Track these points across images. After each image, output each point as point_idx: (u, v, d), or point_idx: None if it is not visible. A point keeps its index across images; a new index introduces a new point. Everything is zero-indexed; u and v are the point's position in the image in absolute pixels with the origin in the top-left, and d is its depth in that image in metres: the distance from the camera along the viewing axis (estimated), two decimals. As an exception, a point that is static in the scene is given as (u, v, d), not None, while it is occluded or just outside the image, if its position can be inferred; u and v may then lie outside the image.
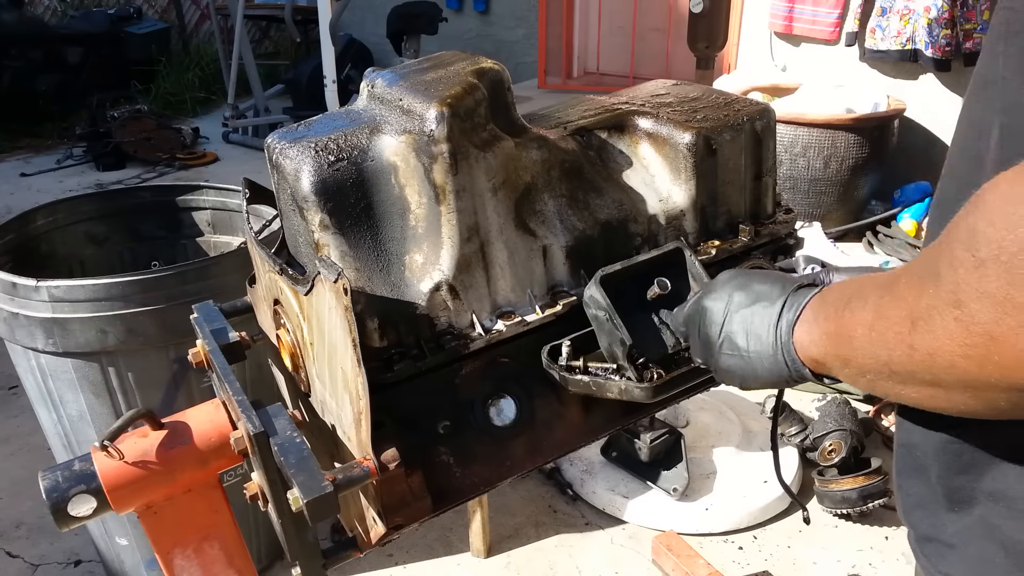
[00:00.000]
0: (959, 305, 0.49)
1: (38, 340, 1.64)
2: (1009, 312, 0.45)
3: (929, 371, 0.53)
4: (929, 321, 0.52)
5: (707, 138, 1.03)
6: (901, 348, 0.55)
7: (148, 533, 0.96)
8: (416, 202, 0.89)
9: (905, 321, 0.54)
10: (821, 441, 2.45)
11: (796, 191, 3.87)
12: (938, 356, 0.52)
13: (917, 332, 0.53)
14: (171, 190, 2.24)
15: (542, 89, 5.85)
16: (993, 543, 0.63)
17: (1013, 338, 0.46)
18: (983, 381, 0.50)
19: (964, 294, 0.48)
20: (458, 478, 0.92)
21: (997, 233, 0.46)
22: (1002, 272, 0.45)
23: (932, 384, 0.54)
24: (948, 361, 0.51)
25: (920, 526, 0.72)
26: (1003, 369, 0.48)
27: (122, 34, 6.95)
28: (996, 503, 0.63)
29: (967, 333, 0.49)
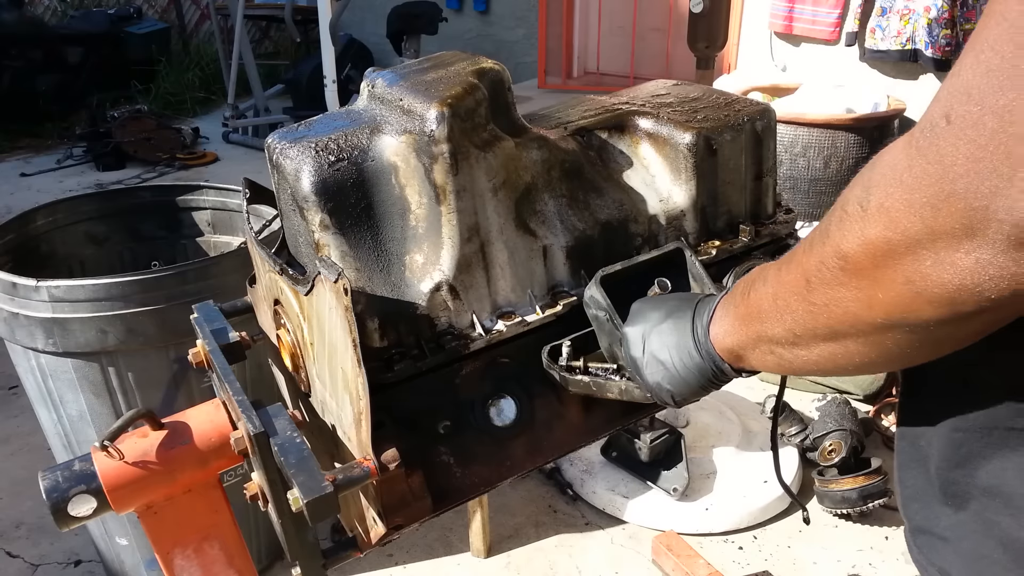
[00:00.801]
0: (844, 256, 0.54)
1: (38, 340, 1.64)
2: (887, 254, 0.51)
3: (827, 324, 0.59)
4: (820, 274, 0.57)
5: (707, 138, 1.03)
6: (802, 307, 0.60)
7: (148, 533, 0.96)
8: (416, 202, 0.89)
9: (801, 281, 0.60)
10: (821, 441, 2.45)
11: (796, 191, 3.86)
12: (832, 306, 0.57)
13: (812, 288, 0.58)
14: (171, 190, 2.24)
15: (542, 89, 5.85)
16: (991, 539, 0.64)
17: (891, 276, 0.51)
18: (872, 324, 0.55)
19: (848, 244, 0.54)
20: (458, 478, 0.92)
21: (886, 183, 0.51)
22: (883, 219, 0.50)
23: (830, 338, 0.59)
24: (841, 309, 0.56)
25: (915, 518, 0.72)
26: (887, 308, 0.53)
27: (122, 34, 6.95)
28: (992, 499, 0.63)
29: (853, 279, 0.54)
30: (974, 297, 0.48)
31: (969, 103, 0.46)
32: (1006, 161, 0.44)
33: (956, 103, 0.47)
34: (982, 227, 0.45)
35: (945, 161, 0.46)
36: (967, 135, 0.45)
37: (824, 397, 2.65)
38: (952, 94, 0.48)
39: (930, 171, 0.47)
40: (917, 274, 0.50)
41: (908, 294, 0.51)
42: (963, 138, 0.46)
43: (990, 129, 0.44)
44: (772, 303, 0.64)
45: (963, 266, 0.47)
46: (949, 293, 0.49)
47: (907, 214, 0.49)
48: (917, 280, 0.50)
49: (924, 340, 0.55)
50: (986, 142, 0.45)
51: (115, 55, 6.87)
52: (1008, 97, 0.44)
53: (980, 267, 0.47)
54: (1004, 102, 0.44)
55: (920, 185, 0.48)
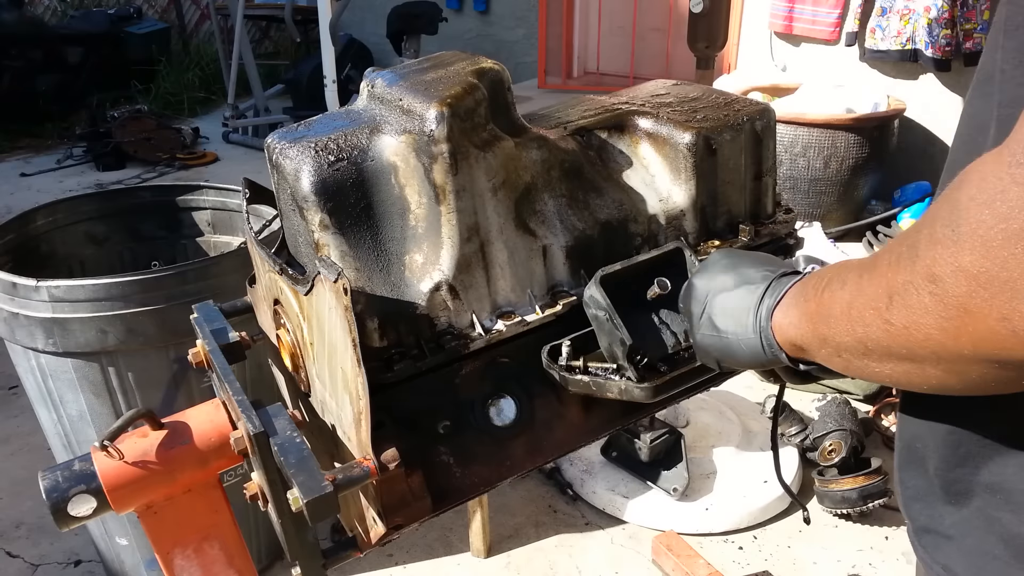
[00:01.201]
0: (935, 280, 0.50)
1: (38, 340, 1.64)
2: (983, 286, 0.47)
3: (904, 346, 0.55)
4: (905, 296, 0.53)
5: (707, 138, 1.03)
6: (877, 323, 0.56)
7: (148, 533, 0.96)
8: (416, 202, 0.89)
9: (883, 297, 0.55)
10: (821, 441, 2.45)
11: (796, 191, 3.87)
12: (913, 330, 0.53)
13: (894, 307, 0.54)
14: (171, 190, 2.24)
15: (542, 89, 5.85)
16: (992, 535, 0.64)
17: (986, 311, 0.47)
18: (956, 354, 0.51)
19: (940, 268, 0.49)
20: (458, 478, 0.92)
21: (977, 208, 0.47)
22: (978, 246, 0.46)
23: (907, 359, 0.56)
24: (923, 335, 0.52)
25: (919, 518, 0.72)
26: (976, 342, 0.49)
27: (122, 34, 6.95)
28: (994, 495, 0.63)
29: (942, 307, 0.50)
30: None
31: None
32: None
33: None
34: None
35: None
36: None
37: (824, 397, 2.65)
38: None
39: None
40: (1015, 313, 0.46)
41: (1003, 331, 0.47)
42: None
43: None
44: (846, 310, 0.60)
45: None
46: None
47: (1004, 245, 0.45)
48: (1015, 319, 0.46)
49: (1014, 377, 0.51)
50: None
51: (115, 55, 6.87)
52: None
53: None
54: None
55: (1015, 215, 0.44)
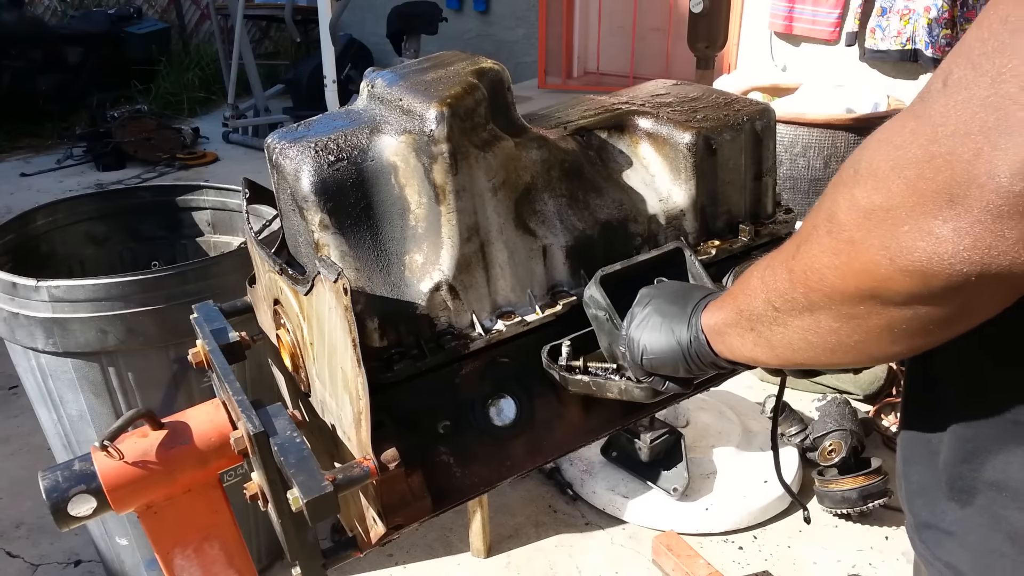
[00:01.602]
0: (832, 218, 0.54)
1: (38, 340, 1.64)
2: (868, 216, 0.50)
3: (804, 293, 0.58)
4: (808, 240, 0.57)
5: (707, 138, 1.03)
6: (784, 275, 0.60)
7: (148, 533, 0.96)
8: (416, 202, 0.89)
9: (792, 248, 0.60)
10: (821, 441, 2.45)
11: (796, 191, 3.86)
12: (810, 272, 0.56)
13: (799, 254, 0.58)
14: (171, 190, 2.24)
15: (542, 89, 5.85)
16: (999, 532, 0.64)
17: (869, 240, 0.50)
18: (844, 294, 0.54)
19: (838, 206, 0.53)
20: (458, 478, 0.92)
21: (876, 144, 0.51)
22: (870, 179, 0.50)
23: (807, 309, 0.58)
24: (818, 275, 0.56)
25: (921, 513, 0.72)
26: (859, 275, 0.52)
27: (122, 34, 6.95)
28: (999, 492, 0.63)
29: (834, 242, 0.53)
30: (946, 270, 0.46)
31: (966, 67, 0.45)
32: (995, 123, 0.42)
33: (954, 67, 0.46)
34: (962, 193, 0.44)
35: (935, 121, 0.46)
36: (960, 96, 0.44)
37: (824, 397, 2.65)
38: (951, 59, 0.47)
39: (919, 131, 0.47)
40: (893, 240, 0.48)
41: (883, 261, 0.50)
42: (956, 100, 0.45)
43: (983, 90, 0.43)
44: (760, 277, 0.65)
45: (939, 234, 0.46)
46: (922, 262, 0.47)
47: (892, 175, 0.48)
48: (892, 246, 0.49)
49: (893, 323, 0.53)
50: (979, 104, 0.43)
51: (115, 55, 6.86)
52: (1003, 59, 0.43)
53: (956, 236, 0.45)
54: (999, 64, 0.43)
55: (908, 144, 0.47)
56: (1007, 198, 0.42)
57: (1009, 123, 0.42)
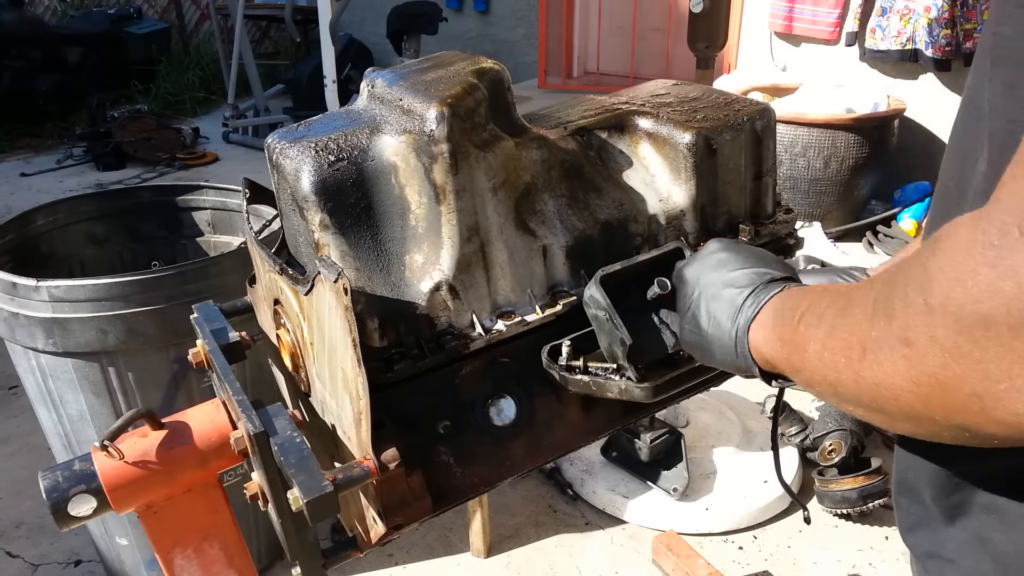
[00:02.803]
0: (909, 344, 0.49)
1: (38, 340, 1.64)
2: (956, 360, 0.46)
3: (874, 400, 0.54)
4: (878, 353, 0.52)
5: (707, 138, 1.03)
6: (848, 373, 0.55)
7: (148, 533, 0.96)
8: (416, 202, 0.89)
9: (855, 347, 0.54)
10: (821, 441, 2.45)
11: (796, 191, 3.86)
12: (883, 388, 0.52)
13: (866, 362, 0.53)
14: (171, 190, 2.24)
15: (542, 89, 5.85)
16: (986, 555, 0.63)
17: (958, 385, 0.46)
18: (926, 417, 0.51)
19: (914, 334, 0.48)
20: (458, 478, 0.92)
21: (948, 282, 0.46)
22: (950, 322, 0.46)
23: (876, 411, 0.55)
24: (893, 394, 0.52)
25: (923, 544, 0.72)
26: (947, 410, 0.48)
27: (122, 34, 6.95)
28: (989, 515, 0.62)
29: (915, 372, 0.49)
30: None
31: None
32: None
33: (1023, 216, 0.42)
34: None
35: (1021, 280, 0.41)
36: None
37: (824, 397, 2.64)
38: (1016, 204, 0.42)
39: (1003, 288, 0.42)
40: (988, 393, 0.44)
41: (974, 408, 0.46)
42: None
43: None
44: (819, 351, 0.59)
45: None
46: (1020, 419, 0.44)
47: (980, 328, 0.44)
48: (987, 399, 0.45)
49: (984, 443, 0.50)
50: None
51: (115, 55, 6.86)
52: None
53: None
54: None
55: (994, 302, 0.43)
56: None
57: None
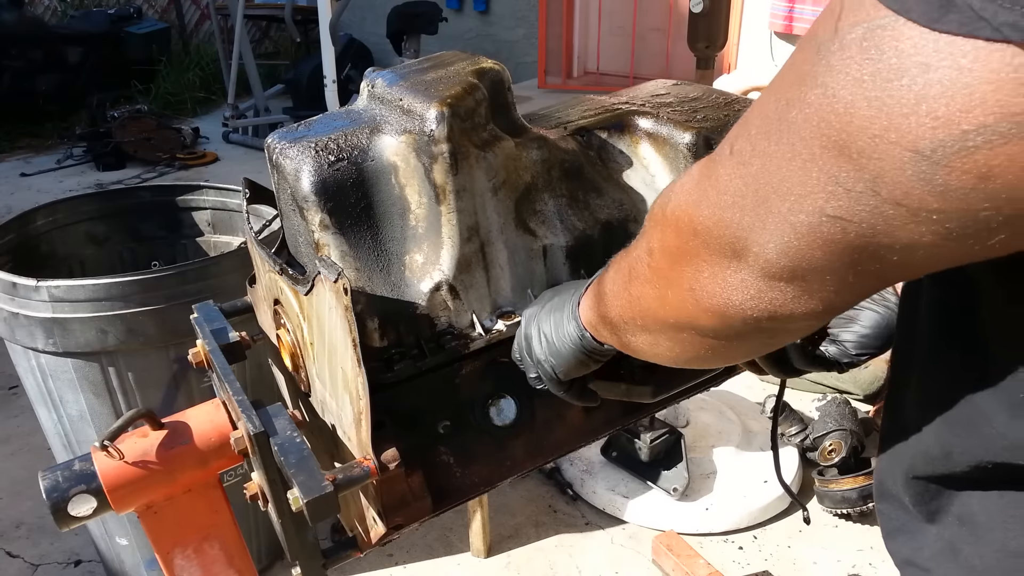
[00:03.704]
0: (651, 253, 0.59)
1: (38, 340, 1.64)
2: (677, 260, 0.55)
3: (640, 316, 0.63)
4: (636, 268, 0.62)
5: (707, 138, 1.03)
6: (625, 297, 0.65)
7: (148, 533, 0.96)
8: (416, 202, 0.89)
9: (626, 271, 0.64)
10: (821, 441, 2.45)
11: (796, 191, 3.86)
12: (642, 300, 0.62)
13: (631, 280, 0.63)
14: (171, 190, 2.24)
15: (542, 89, 5.85)
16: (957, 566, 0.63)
17: (679, 281, 0.56)
18: (667, 323, 0.60)
19: (653, 243, 0.59)
20: (458, 478, 0.92)
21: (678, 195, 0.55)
22: (672, 226, 0.55)
23: (645, 329, 0.64)
24: (646, 305, 0.61)
25: (902, 551, 0.71)
26: (675, 311, 0.58)
27: (122, 34, 6.94)
28: (961, 526, 0.62)
29: (655, 277, 0.59)
30: (740, 314, 0.52)
31: (747, 140, 0.48)
32: (761, 205, 0.47)
33: (739, 136, 0.49)
34: (743, 253, 0.49)
35: (721, 186, 0.50)
36: (739, 171, 0.48)
37: (824, 397, 2.65)
38: (740, 126, 0.50)
39: (710, 194, 0.51)
40: (696, 283, 0.54)
41: (690, 300, 0.55)
42: (736, 172, 0.49)
43: (755, 171, 0.47)
44: (611, 287, 0.68)
45: (730, 283, 0.51)
46: (719, 306, 0.53)
47: (691, 227, 0.53)
48: (696, 288, 0.54)
49: (716, 346, 0.59)
50: (751, 182, 0.47)
51: (115, 55, 6.86)
52: (772, 146, 0.46)
53: (743, 287, 0.50)
54: (768, 149, 0.46)
55: (701, 204, 0.52)
56: (776, 268, 0.48)
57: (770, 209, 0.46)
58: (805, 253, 0.46)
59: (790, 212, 0.45)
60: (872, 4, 0.40)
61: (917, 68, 0.38)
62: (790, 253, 0.46)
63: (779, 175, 0.45)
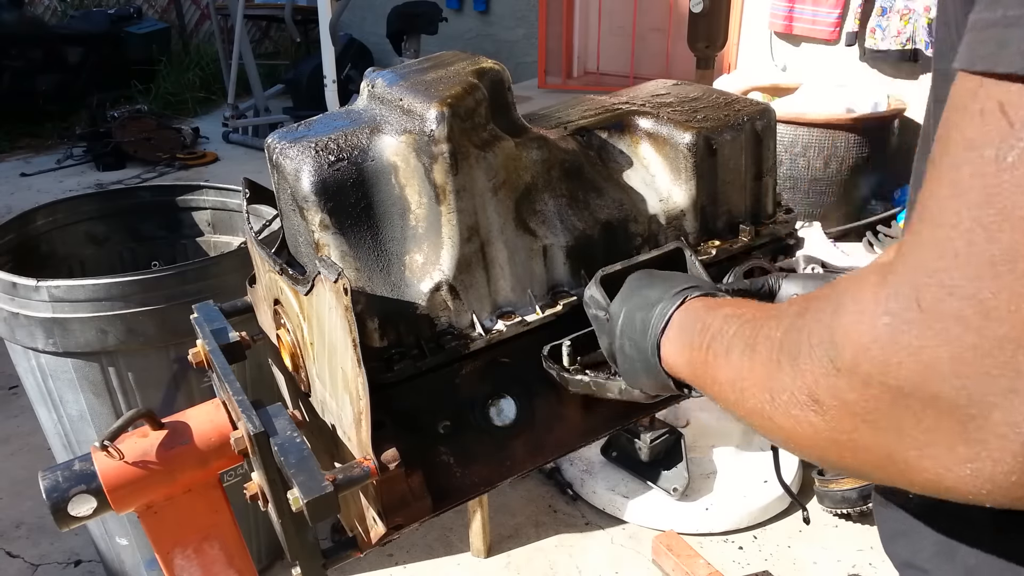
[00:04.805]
0: (818, 403, 0.48)
1: (38, 340, 1.64)
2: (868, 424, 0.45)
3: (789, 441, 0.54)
4: (789, 407, 0.51)
5: (707, 138, 1.03)
6: (762, 417, 0.54)
7: (148, 533, 0.96)
8: (416, 202, 0.89)
9: (764, 393, 0.53)
10: (821, 441, 2.45)
11: (796, 191, 3.86)
12: (797, 437, 0.51)
13: (777, 411, 0.52)
14: (171, 190, 2.24)
15: (542, 89, 5.85)
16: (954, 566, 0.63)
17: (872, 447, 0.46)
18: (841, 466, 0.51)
19: (823, 395, 0.47)
20: (458, 478, 0.92)
21: (854, 348, 0.44)
22: (859, 387, 0.44)
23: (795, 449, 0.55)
24: (808, 443, 0.51)
25: (902, 553, 0.71)
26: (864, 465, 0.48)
27: (122, 34, 6.95)
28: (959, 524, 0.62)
29: (828, 430, 0.48)
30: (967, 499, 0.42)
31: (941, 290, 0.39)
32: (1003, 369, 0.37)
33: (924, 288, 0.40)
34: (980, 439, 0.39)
35: (924, 358, 0.40)
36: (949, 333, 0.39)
37: (824, 397, 2.64)
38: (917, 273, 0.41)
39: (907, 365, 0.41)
40: (902, 459, 0.44)
41: (891, 469, 0.46)
42: (943, 334, 0.39)
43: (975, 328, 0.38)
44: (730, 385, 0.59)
45: (958, 473, 0.41)
46: (939, 490, 0.44)
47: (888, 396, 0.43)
48: (901, 464, 0.44)
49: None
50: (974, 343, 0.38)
51: (115, 55, 6.86)
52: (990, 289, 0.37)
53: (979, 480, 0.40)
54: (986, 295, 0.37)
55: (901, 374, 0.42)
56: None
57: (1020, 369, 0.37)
58: None
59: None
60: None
61: None
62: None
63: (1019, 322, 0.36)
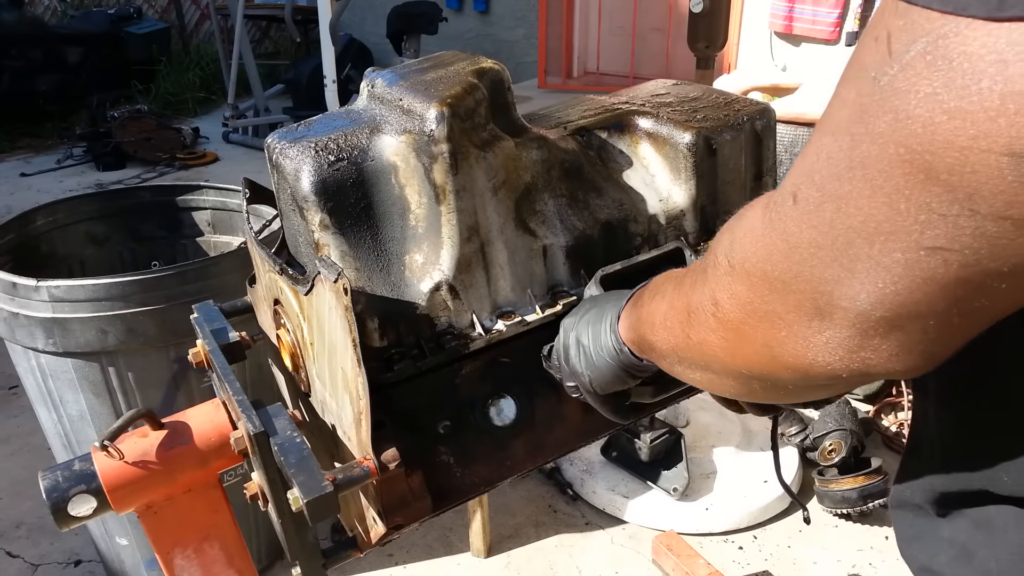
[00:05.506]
0: (716, 303, 0.55)
1: (38, 340, 1.64)
2: (750, 314, 0.52)
3: (702, 358, 0.60)
4: (698, 314, 0.58)
5: (707, 138, 1.03)
6: (681, 336, 0.62)
7: (148, 533, 0.96)
8: (416, 202, 0.89)
9: (683, 312, 0.61)
10: (821, 441, 2.45)
11: (796, 191, 3.86)
12: (704, 346, 0.59)
13: (691, 323, 0.60)
14: (171, 190, 2.24)
15: (542, 89, 5.85)
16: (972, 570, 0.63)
17: (753, 336, 0.52)
18: (736, 371, 0.57)
19: (720, 293, 0.54)
20: (458, 478, 0.92)
21: (742, 244, 0.52)
22: (744, 279, 0.51)
23: (706, 369, 0.61)
24: (711, 351, 0.58)
25: (919, 557, 0.72)
26: (748, 363, 0.55)
27: (122, 34, 6.95)
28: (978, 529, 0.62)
29: (723, 328, 0.55)
30: (826, 371, 0.48)
31: (811, 186, 0.45)
32: (845, 252, 0.43)
33: (802, 184, 0.46)
34: (829, 311, 0.46)
35: (791, 241, 0.47)
36: (810, 220, 0.45)
37: (824, 397, 2.64)
38: (799, 173, 0.47)
39: (779, 248, 0.48)
40: (774, 340, 0.50)
41: (766, 356, 0.52)
42: (806, 222, 0.46)
43: (829, 217, 0.44)
44: (663, 321, 0.65)
45: (815, 343, 0.48)
46: (802, 366, 0.50)
47: (764, 282, 0.50)
48: (774, 345, 0.51)
49: (787, 394, 0.57)
50: (827, 230, 0.44)
51: (115, 55, 6.86)
52: (845, 188, 0.43)
53: (831, 347, 0.47)
54: (841, 191, 0.43)
55: (772, 258, 0.49)
56: (871, 322, 0.44)
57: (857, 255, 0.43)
58: (904, 298, 0.42)
59: (881, 254, 0.42)
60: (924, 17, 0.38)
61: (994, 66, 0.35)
62: (886, 302, 0.42)
63: (860, 217, 0.42)
